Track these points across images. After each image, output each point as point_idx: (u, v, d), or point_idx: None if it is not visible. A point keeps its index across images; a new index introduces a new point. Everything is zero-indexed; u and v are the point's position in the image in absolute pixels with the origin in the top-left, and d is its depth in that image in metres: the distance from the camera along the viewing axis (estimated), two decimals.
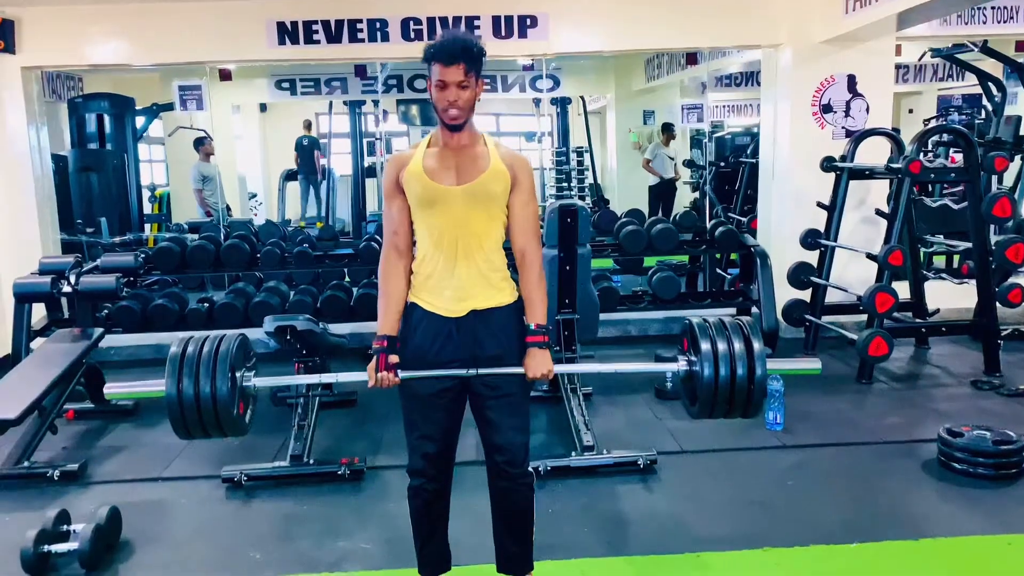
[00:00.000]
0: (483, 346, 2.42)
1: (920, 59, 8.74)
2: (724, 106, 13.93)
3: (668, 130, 10.77)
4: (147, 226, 10.12)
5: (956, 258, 6.78)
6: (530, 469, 2.54)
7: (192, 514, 3.52)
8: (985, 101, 11.23)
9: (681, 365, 2.53)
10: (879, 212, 5.23)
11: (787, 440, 4.10)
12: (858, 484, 3.60)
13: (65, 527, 3.14)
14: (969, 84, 12.81)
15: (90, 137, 9.30)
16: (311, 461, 3.81)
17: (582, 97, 12.11)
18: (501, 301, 2.45)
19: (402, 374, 2.38)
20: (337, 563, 3.02)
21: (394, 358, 2.39)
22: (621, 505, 3.46)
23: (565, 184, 11.30)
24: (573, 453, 3.80)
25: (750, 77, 12.17)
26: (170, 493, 3.73)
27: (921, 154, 4.90)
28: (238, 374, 2.43)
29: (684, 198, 11.44)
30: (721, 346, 2.38)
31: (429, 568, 2.62)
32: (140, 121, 10.07)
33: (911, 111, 13.43)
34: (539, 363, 2.41)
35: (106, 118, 9.35)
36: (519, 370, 2.42)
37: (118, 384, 2.56)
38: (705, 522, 3.29)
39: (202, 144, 9.82)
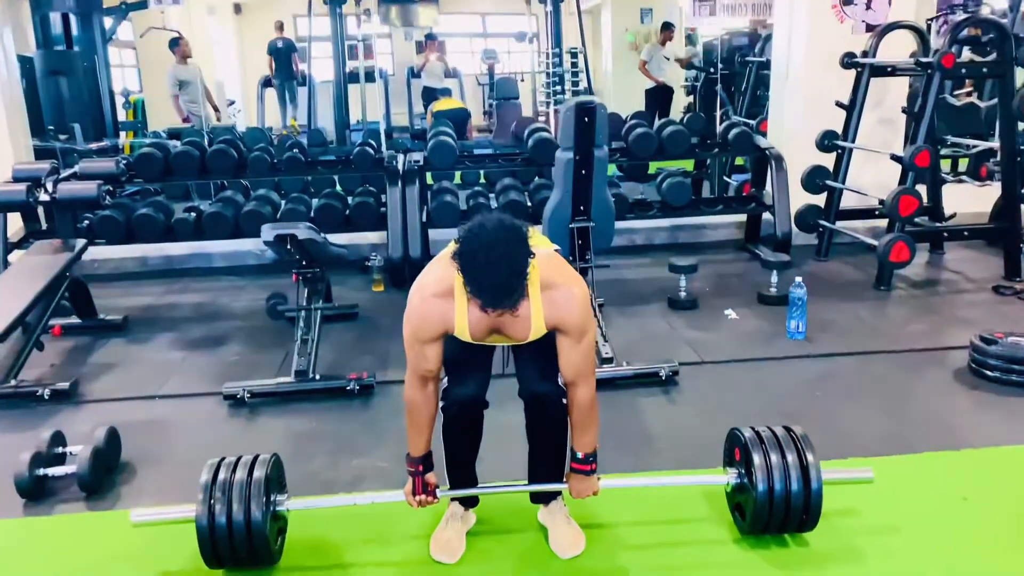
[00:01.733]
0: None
1: None
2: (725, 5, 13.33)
3: (667, 28, 10.29)
4: (122, 134, 9.68)
5: (963, 161, 6.61)
6: (563, 402, 2.38)
7: (194, 433, 3.34)
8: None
9: (732, 477, 2.42)
10: (906, 110, 4.97)
11: (811, 349, 3.95)
12: (889, 394, 3.47)
13: (61, 449, 2.96)
14: None
15: (56, 39, 8.75)
16: (317, 376, 3.62)
17: None
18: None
19: (441, 494, 2.34)
20: (354, 482, 2.86)
21: (431, 479, 2.31)
22: (645, 419, 3.32)
23: (558, 87, 10.88)
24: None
25: None
26: (169, 411, 3.55)
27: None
28: (272, 498, 2.28)
29: (680, 102, 11.08)
30: (775, 460, 2.28)
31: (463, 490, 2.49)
32: (109, 22, 9.48)
33: None
34: (584, 487, 2.32)
35: (72, 18, 8.77)
36: (562, 487, 2.37)
37: (144, 511, 2.36)
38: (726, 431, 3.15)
39: (176, 45, 9.26)
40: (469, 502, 2.54)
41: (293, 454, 3.11)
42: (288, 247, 3.54)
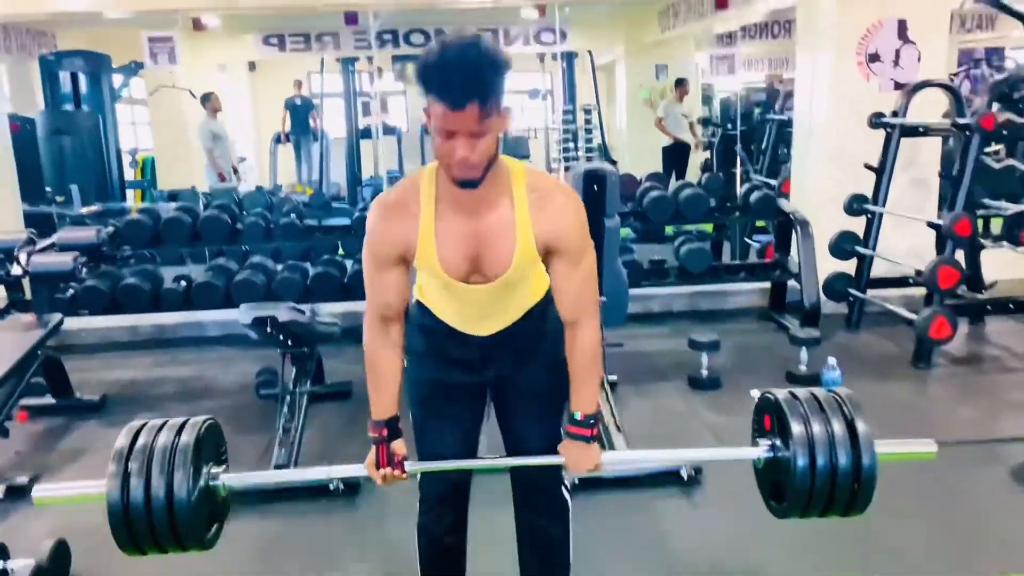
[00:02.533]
0: (513, 358, 1.96)
1: (961, 7, 8.05)
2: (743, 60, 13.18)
3: (681, 84, 10.08)
4: (130, 193, 9.54)
5: (995, 221, 6.25)
6: (565, 494, 2.03)
7: None
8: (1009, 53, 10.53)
9: (763, 451, 1.96)
10: (942, 174, 4.64)
11: None
12: (938, 497, 3.07)
13: (1, 563, 2.62)
14: (995, 36, 12.15)
15: (64, 98, 8.66)
16: None
17: (589, 51, 11.40)
18: (531, 303, 1.92)
19: (410, 467, 1.88)
20: None
21: (398, 447, 1.87)
22: (663, 525, 2.94)
23: (571, 144, 10.70)
24: None
25: (765, 29, 11.51)
26: None
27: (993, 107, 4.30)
28: (203, 471, 1.84)
29: (696, 158, 10.81)
30: (817, 428, 1.84)
31: None
32: (118, 80, 9.41)
33: None
34: (582, 457, 1.88)
35: (81, 77, 8.69)
36: (559, 460, 1.91)
37: (48, 486, 1.97)
38: (763, 546, 2.77)
39: (208, 100, 9.23)
40: None
41: (264, 564, 2.77)
42: (269, 330, 3.23)
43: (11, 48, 8.32)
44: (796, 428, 1.83)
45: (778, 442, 1.91)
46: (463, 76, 1.52)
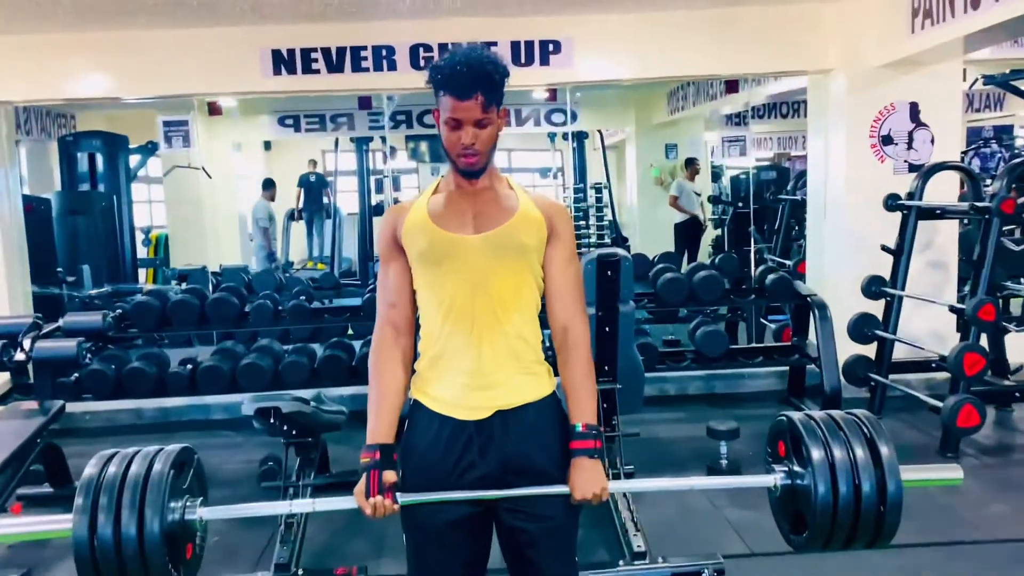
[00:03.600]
0: (514, 459, 1.78)
1: (970, 87, 8.11)
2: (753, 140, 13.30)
3: (692, 164, 10.15)
4: (142, 272, 9.56)
5: (1014, 301, 6.14)
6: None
7: None
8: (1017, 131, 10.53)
9: (779, 478, 1.84)
10: (963, 258, 4.55)
11: None
12: None
13: None
14: (1003, 115, 12.24)
15: (81, 177, 8.76)
16: (300, 571, 3.12)
17: (599, 131, 11.53)
18: (537, 393, 1.82)
19: (402, 498, 1.74)
20: None
21: (390, 476, 1.74)
22: None
23: (583, 223, 10.70)
24: (621, 561, 3.09)
25: (774, 109, 11.64)
26: None
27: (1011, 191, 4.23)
28: (177, 504, 1.71)
29: (707, 236, 10.79)
30: (838, 453, 1.72)
31: None
32: (135, 160, 9.54)
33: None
34: (589, 479, 1.76)
35: (98, 157, 8.81)
36: (562, 489, 1.76)
37: (10, 521, 1.84)
38: None
39: (268, 187, 10.76)
40: None
41: None
42: (272, 421, 3.13)
43: (31, 130, 8.48)
44: (815, 452, 1.72)
45: (795, 467, 1.79)
46: (470, 70, 1.73)
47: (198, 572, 1.85)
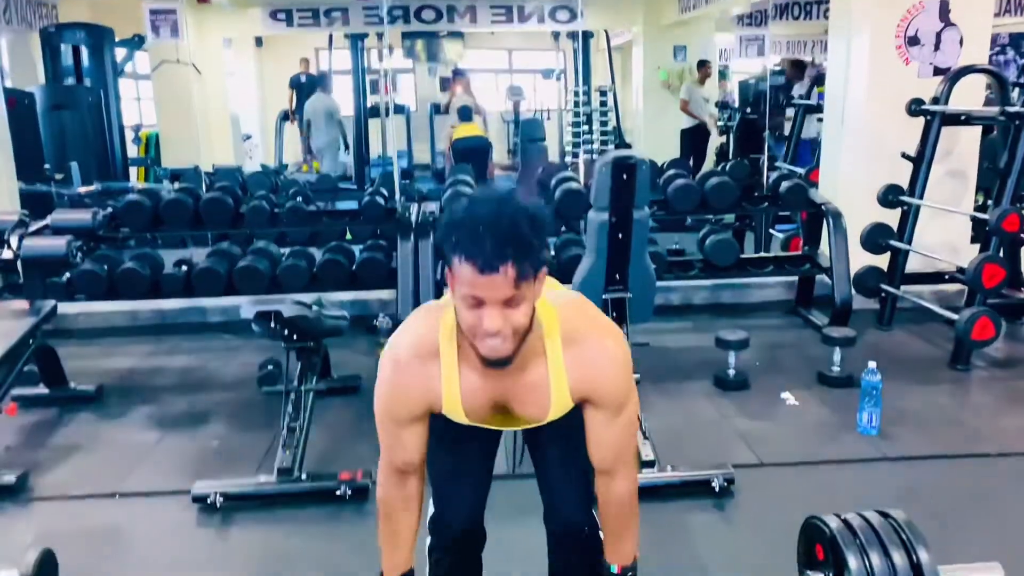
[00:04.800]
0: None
1: None
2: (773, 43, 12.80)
3: (704, 66, 9.78)
4: (132, 171, 9.30)
5: None
6: (600, 532, 1.82)
7: (150, 548, 2.79)
8: None
9: None
10: (989, 166, 4.38)
11: (887, 449, 3.33)
12: (993, 515, 2.84)
13: None
14: (1021, 20, 11.77)
15: (66, 71, 8.41)
16: (303, 476, 3.07)
17: (605, 31, 11.08)
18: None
19: None
20: None
21: None
22: (695, 541, 2.73)
23: (585, 127, 10.42)
24: None
25: (785, 11, 11.17)
26: (127, 515, 3.00)
27: None
28: None
29: (712, 142, 10.52)
30: (877, 562, 1.67)
31: None
32: (121, 54, 9.15)
33: None
34: None
35: (83, 50, 8.43)
36: None
37: None
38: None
39: (324, 81, 10.29)
40: None
41: None
42: (273, 325, 3.01)
43: (11, 20, 8.06)
44: (854, 563, 1.67)
45: (831, 574, 1.75)
46: (496, 231, 1.33)
47: None
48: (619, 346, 1.57)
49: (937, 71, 5.00)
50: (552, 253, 4.99)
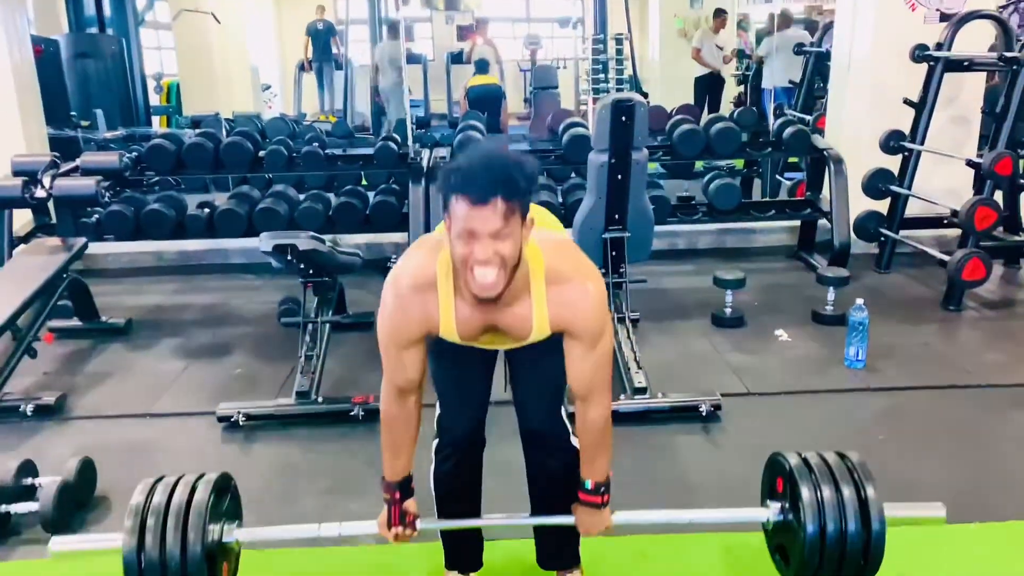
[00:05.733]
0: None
1: None
2: None
3: (720, 15, 9.73)
4: (155, 119, 9.50)
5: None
6: (573, 442, 2.01)
7: (180, 461, 3.03)
8: None
9: (773, 513, 1.99)
10: (985, 110, 4.45)
11: (871, 381, 3.51)
12: (966, 441, 3.02)
13: (30, 481, 2.68)
14: None
15: (88, 21, 8.57)
16: (319, 399, 3.30)
17: None
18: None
19: (422, 524, 1.95)
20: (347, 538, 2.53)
21: (410, 507, 1.94)
22: (682, 461, 2.94)
23: (602, 76, 10.42)
24: (622, 396, 3.24)
25: None
26: (158, 433, 3.26)
27: None
28: (215, 527, 1.90)
29: (729, 92, 10.51)
30: (827, 494, 1.87)
31: (461, 565, 2.16)
32: (142, 3, 9.28)
33: None
34: (593, 522, 1.95)
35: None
36: (567, 520, 1.97)
37: (65, 538, 2.03)
38: None
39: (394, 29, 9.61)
40: (469, 565, 2.19)
41: (283, 491, 2.81)
42: (290, 257, 3.21)
43: None
44: (806, 494, 1.87)
45: (787, 505, 1.95)
46: (489, 171, 1.52)
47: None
48: (597, 287, 1.73)
49: (943, 17, 5.03)
50: (560, 200, 5.15)
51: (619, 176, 3.57)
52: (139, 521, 1.83)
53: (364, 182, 6.05)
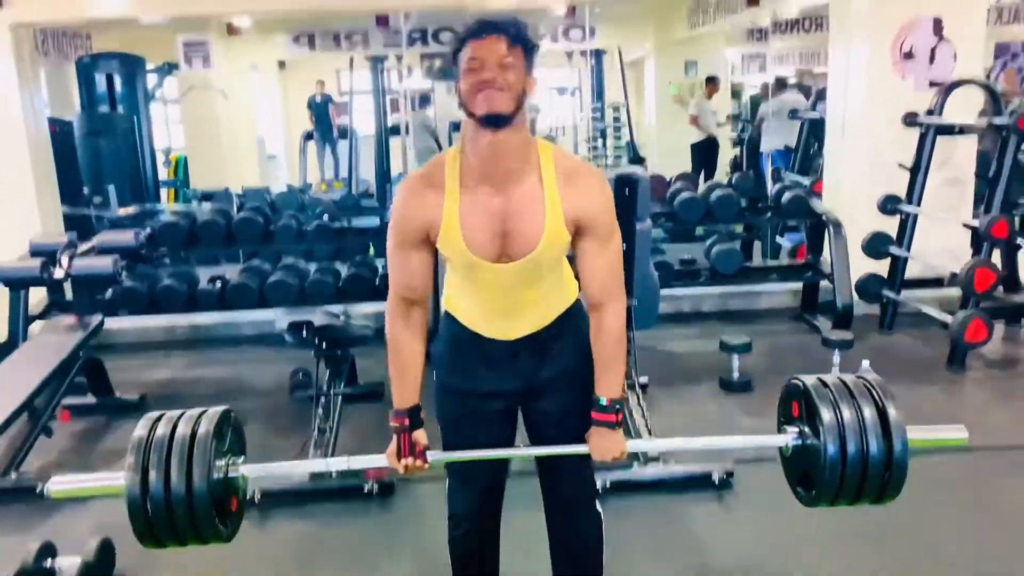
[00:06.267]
0: (541, 367, 1.91)
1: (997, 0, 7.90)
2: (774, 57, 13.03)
3: (712, 82, 10.01)
4: (163, 192, 9.68)
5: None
6: (598, 507, 2.04)
7: None
8: None
9: (791, 438, 1.93)
10: (979, 174, 4.57)
11: None
12: (982, 504, 3.05)
13: (49, 562, 2.69)
14: None
15: (100, 99, 8.80)
16: (333, 474, 3.32)
17: (618, 48, 11.35)
18: (561, 308, 1.91)
19: (432, 457, 1.88)
20: None
21: (420, 437, 1.88)
22: (696, 529, 2.96)
23: (600, 142, 10.67)
24: (635, 464, 3.27)
25: (796, 24, 11.39)
26: None
27: None
28: (221, 463, 1.85)
29: (724, 155, 10.73)
30: (847, 414, 1.80)
31: None
32: (152, 81, 9.55)
33: None
34: (608, 446, 1.88)
35: (116, 78, 8.83)
36: (582, 449, 1.90)
37: (64, 478, 1.93)
38: (798, 553, 2.77)
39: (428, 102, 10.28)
40: None
41: (300, 566, 2.83)
42: (304, 334, 3.28)
43: (48, 51, 8.47)
44: (826, 415, 1.80)
45: (806, 429, 1.88)
46: (493, 19, 1.65)
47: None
48: (605, 181, 1.80)
49: (932, 84, 5.20)
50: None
51: (624, 246, 3.66)
52: (142, 456, 1.75)
53: (372, 251, 6.17)
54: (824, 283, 5.26)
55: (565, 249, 1.80)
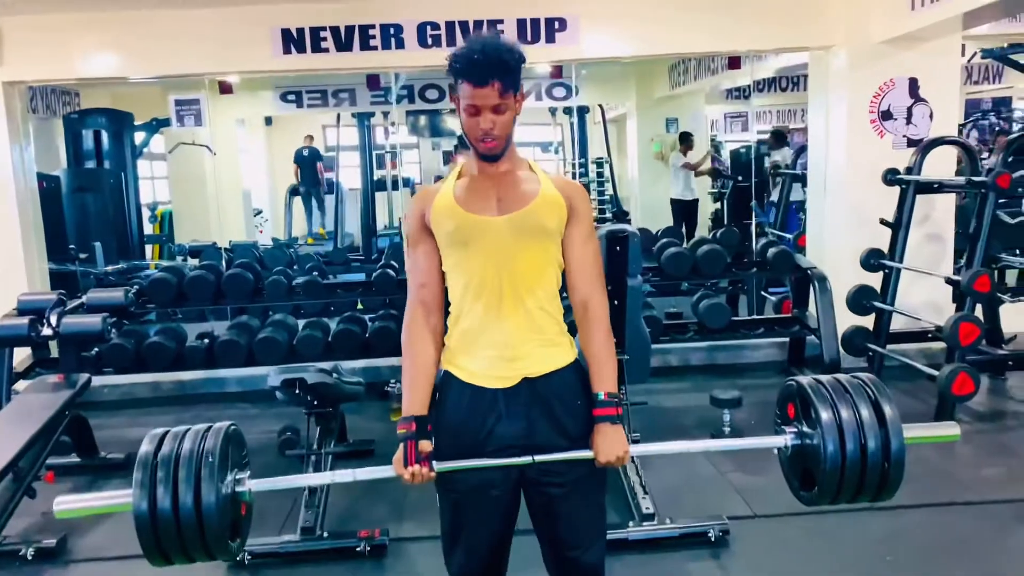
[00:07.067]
0: (542, 426, 1.89)
1: (968, 61, 8.18)
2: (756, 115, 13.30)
3: (686, 140, 10.18)
4: (148, 248, 9.65)
5: (1010, 273, 6.29)
6: None
7: None
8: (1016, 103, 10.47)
9: (789, 439, 1.94)
10: (960, 231, 4.68)
11: None
12: (975, 560, 3.05)
13: None
14: (1001, 87, 12.28)
15: (87, 155, 8.83)
16: (324, 534, 3.28)
17: (600, 105, 11.58)
18: (560, 361, 1.92)
19: (438, 466, 1.86)
20: None
21: (426, 445, 1.86)
22: None
23: None
24: (631, 523, 3.26)
25: (774, 83, 11.70)
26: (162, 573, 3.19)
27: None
28: (229, 478, 1.82)
29: (705, 210, 10.88)
30: (845, 413, 1.82)
31: None
32: (140, 137, 9.60)
33: None
34: (612, 444, 1.86)
35: (104, 134, 8.87)
36: (587, 454, 1.88)
37: (70, 497, 1.89)
38: None
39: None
40: None
41: None
42: (297, 392, 3.27)
43: (37, 107, 8.53)
44: (824, 413, 1.83)
45: (804, 428, 1.90)
46: (486, 59, 1.81)
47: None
48: (588, 196, 2.03)
49: (910, 143, 5.35)
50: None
51: (615, 302, 3.68)
52: (149, 473, 1.73)
53: (360, 306, 6.17)
54: (811, 337, 5.31)
55: (559, 223, 1.91)
